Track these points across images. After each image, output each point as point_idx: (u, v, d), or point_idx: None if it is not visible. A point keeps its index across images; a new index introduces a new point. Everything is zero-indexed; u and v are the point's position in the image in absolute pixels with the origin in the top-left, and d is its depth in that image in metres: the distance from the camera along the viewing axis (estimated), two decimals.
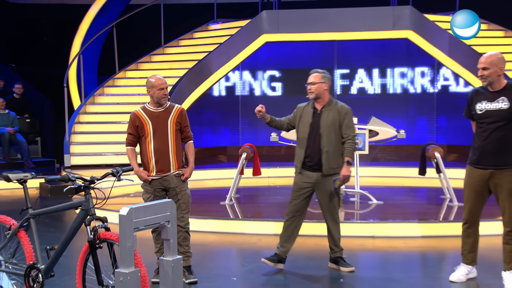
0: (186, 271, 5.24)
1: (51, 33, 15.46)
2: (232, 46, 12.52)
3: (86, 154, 11.49)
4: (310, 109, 5.56)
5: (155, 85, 5.09)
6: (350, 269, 5.58)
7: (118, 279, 3.56)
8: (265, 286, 5.26)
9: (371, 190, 8.80)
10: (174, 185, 5.16)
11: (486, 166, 4.97)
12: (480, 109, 4.98)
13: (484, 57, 4.93)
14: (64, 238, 4.11)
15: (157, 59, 13.81)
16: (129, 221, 3.59)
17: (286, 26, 12.18)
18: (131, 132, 5.12)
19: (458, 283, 5.18)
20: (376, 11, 12.27)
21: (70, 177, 4.04)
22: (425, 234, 6.97)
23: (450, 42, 12.01)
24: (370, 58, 13.51)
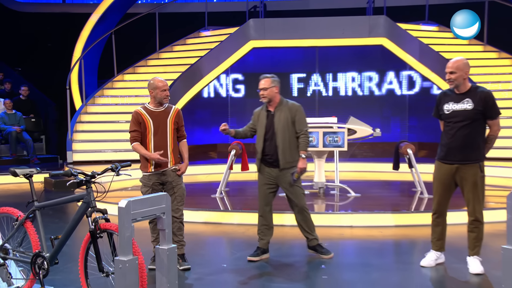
0: (180, 258, 5.25)
1: (55, 39, 15.38)
2: (221, 51, 12.51)
3: (87, 151, 11.44)
4: (264, 112, 5.58)
5: (159, 86, 5.10)
6: (330, 256, 5.58)
7: (117, 266, 3.55)
8: (252, 272, 5.26)
9: (350, 183, 8.82)
10: (171, 179, 5.16)
11: (453, 161, 5.00)
12: (447, 109, 5.02)
13: (451, 62, 4.99)
14: (67, 228, 4.09)
15: (153, 63, 13.77)
16: (127, 213, 3.57)
17: (271, 33, 12.19)
18: (136, 129, 5.09)
19: (428, 267, 5.22)
20: (353, 20, 12.31)
21: (72, 172, 4.02)
22: (399, 224, 7.00)
23: (420, 48, 12.09)
24: (348, 63, 13.54)
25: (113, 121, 11.98)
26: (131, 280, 3.55)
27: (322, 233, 6.67)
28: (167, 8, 15.14)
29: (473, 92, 4.95)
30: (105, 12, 14.09)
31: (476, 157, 4.96)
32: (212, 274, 5.20)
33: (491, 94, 4.97)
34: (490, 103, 4.92)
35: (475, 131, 4.95)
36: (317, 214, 7.32)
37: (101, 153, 11.37)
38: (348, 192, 8.44)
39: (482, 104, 4.88)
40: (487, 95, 4.93)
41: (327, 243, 6.24)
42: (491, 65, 12.83)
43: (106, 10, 14.10)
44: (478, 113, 4.89)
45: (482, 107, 4.89)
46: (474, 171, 4.96)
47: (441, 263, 5.29)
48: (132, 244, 3.60)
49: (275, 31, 12.22)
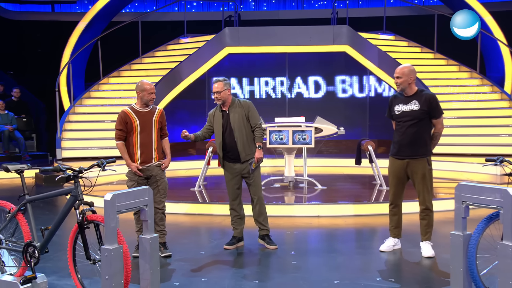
0: (162, 246, 5.23)
1: (45, 45, 15.10)
2: (199, 57, 12.45)
3: (75, 148, 11.28)
4: (219, 112, 5.51)
5: (147, 89, 5.09)
6: (274, 247, 5.53)
7: (103, 254, 3.52)
8: (228, 258, 5.25)
9: (317, 177, 8.86)
10: (155, 174, 5.16)
11: (404, 156, 5.12)
12: (397, 110, 5.15)
13: (398, 68, 5.15)
14: (57, 220, 4.02)
15: (136, 67, 13.62)
16: (112, 205, 3.54)
17: (245, 40, 12.17)
18: (121, 128, 5.06)
19: (386, 252, 5.29)
20: (319, 29, 12.36)
21: (61, 167, 3.95)
22: (360, 213, 7.06)
23: (379, 55, 12.21)
24: (315, 68, 13.60)
25: (99, 121, 11.82)
26: (116, 267, 3.51)
27: (292, 222, 6.72)
28: (149, 17, 14.99)
29: (419, 95, 5.09)
30: (92, 20, 13.90)
31: (423, 152, 5.09)
32: (191, 260, 5.16)
33: (434, 96, 5.11)
34: (434, 104, 5.06)
35: (422, 129, 5.08)
36: (287, 205, 7.35)
37: (88, 150, 11.22)
38: (315, 185, 8.47)
39: (427, 105, 5.03)
40: (431, 97, 5.08)
41: (296, 232, 6.28)
42: (441, 71, 13.02)
43: (93, 18, 13.91)
44: (424, 113, 5.04)
45: (427, 108, 5.03)
46: (422, 165, 5.08)
47: (398, 248, 5.37)
48: (117, 234, 3.56)
49: (248, 39, 12.21)
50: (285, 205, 7.36)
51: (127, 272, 3.63)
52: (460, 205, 3.80)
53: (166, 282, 4.47)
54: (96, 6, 13.94)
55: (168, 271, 4.84)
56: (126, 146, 5.12)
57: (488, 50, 13.58)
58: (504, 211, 3.52)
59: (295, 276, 4.70)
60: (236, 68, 13.56)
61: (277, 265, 5.04)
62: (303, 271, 4.83)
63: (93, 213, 3.86)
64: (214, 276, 4.72)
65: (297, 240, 6.02)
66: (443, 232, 5.80)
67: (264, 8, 16.62)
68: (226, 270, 4.88)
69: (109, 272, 3.48)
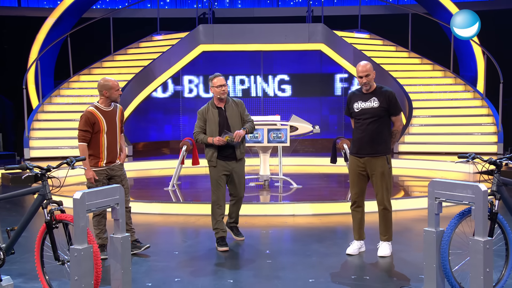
0: (137, 243, 5.21)
1: (11, 42, 14.79)
2: (173, 54, 12.40)
3: (44, 147, 11.12)
4: (213, 109, 5.37)
5: (113, 86, 4.98)
6: (242, 238, 5.75)
7: (72, 255, 3.46)
8: (202, 258, 5.24)
9: (292, 176, 8.89)
10: (119, 173, 5.12)
11: (363, 154, 5.05)
12: (356, 107, 5.07)
13: (362, 66, 4.98)
14: (23, 220, 3.94)
15: (108, 65, 13.47)
16: (82, 204, 3.49)
17: (219, 38, 12.16)
18: (87, 129, 4.88)
19: (353, 255, 5.23)
20: (294, 27, 12.43)
21: (28, 165, 3.86)
22: (336, 212, 7.08)
23: (354, 54, 12.34)
24: (290, 66, 13.66)
25: (69, 120, 11.66)
26: (86, 267, 3.47)
27: (267, 221, 6.73)
28: (120, 13, 14.84)
29: (379, 92, 5.05)
30: (61, 16, 13.69)
31: (383, 150, 5.03)
32: (164, 261, 5.13)
33: (393, 93, 5.08)
34: (393, 101, 5.03)
35: (382, 127, 5.02)
36: (262, 204, 7.37)
37: (58, 150, 11.06)
38: (291, 184, 8.50)
39: (386, 102, 4.99)
40: (390, 94, 5.04)
41: (272, 231, 6.29)
42: (415, 70, 13.23)
43: (62, 14, 13.71)
44: (384, 110, 5.00)
45: (386, 105, 4.99)
46: (382, 163, 5.03)
47: (363, 251, 5.29)
48: (87, 234, 3.51)
49: (223, 36, 12.20)
50: (260, 204, 7.37)
51: (97, 273, 3.59)
52: (433, 202, 3.86)
53: (138, 282, 4.42)
54: (65, 2, 13.73)
55: (140, 271, 4.79)
56: (91, 147, 4.94)
57: (461, 50, 13.86)
58: (476, 207, 3.60)
59: (270, 275, 4.71)
60: (210, 66, 13.53)
61: (252, 264, 5.04)
62: (278, 270, 4.85)
63: (62, 213, 3.80)
64: (188, 276, 4.70)
65: (272, 239, 6.04)
66: (417, 230, 5.89)
67: (238, 5, 16.63)
68: (200, 270, 4.86)
69: (78, 272, 3.43)
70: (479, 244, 3.56)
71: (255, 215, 6.97)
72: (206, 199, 7.90)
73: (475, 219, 3.61)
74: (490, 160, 4.01)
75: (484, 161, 4.03)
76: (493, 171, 3.96)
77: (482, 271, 3.54)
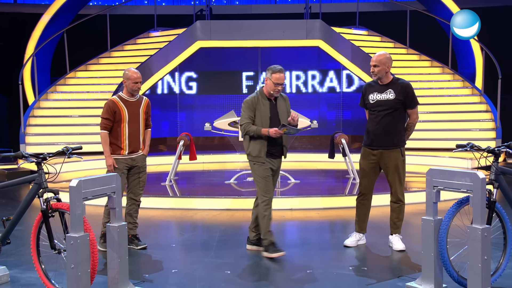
0: (135, 239, 5.19)
1: (7, 38, 14.75)
2: (170, 51, 12.38)
3: (40, 143, 11.08)
4: (265, 101, 4.92)
5: (131, 78, 4.99)
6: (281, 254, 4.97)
7: (69, 243, 3.45)
8: (199, 249, 5.24)
9: (290, 171, 8.91)
10: (140, 164, 5.11)
11: (377, 147, 5.04)
12: (372, 99, 5.06)
13: (375, 56, 5.03)
14: (19, 210, 3.94)
15: (104, 61, 13.45)
16: (78, 192, 3.49)
17: (217, 34, 12.15)
18: (108, 118, 4.92)
19: (350, 247, 5.22)
20: (292, 23, 12.43)
21: (23, 153, 3.87)
22: (334, 206, 7.11)
23: (352, 50, 12.34)
24: (288, 63, 13.64)
25: (66, 116, 11.67)
26: (82, 255, 3.46)
27: None
28: (117, 10, 14.81)
29: (395, 84, 5.03)
30: (57, 12, 13.66)
31: (397, 143, 5.03)
32: (162, 253, 5.13)
33: (410, 86, 5.06)
34: (410, 94, 5.02)
35: (397, 119, 5.01)
36: None
37: (54, 146, 10.90)
38: (289, 179, 8.51)
39: (403, 94, 4.97)
40: (407, 86, 5.03)
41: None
42: (413, 66, 13.25)
43: (58, 10, 13.67)
44: (399, 102, 4.98)
45: (403, 97, 4.98)
46: (396, 155, 5.03)
47: (363, 244, 5.28)
48: (83, 222, 3.50)
49: (220, 33, 12.19)
50: None
51: (94, 261, 3.58)
52: (431, 190, 3.87)
53: (135, 273, 4.42)
54: None
55: (137, 262, 4.79)
56: (112, 136, 4.97)
57: (459, 47, 13.87)
58: (474, 194, 3.60)
59: (269, 267, 4.71)
60: (208, 62, 13.51)
61: (250, 256, 5.04)
62: (277, 262, 4.84)
63: (58, 201, 3.80)
64: (185, 267, 4.71)
65: None
66: (415, 223, 5.90)
67: (236, 2, 16.63)
68: (197, 262, 4.86)
69: (75, 260, 3.43)
70: (477, 232, 3.57)
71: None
72: (202, 194, 7.93)
73: (473, 207, 3.61)
74: (488, 148, 4.02)
75: (482, 149, 4.04)
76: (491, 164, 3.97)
77: (480, 259, 3.54)
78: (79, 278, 3.44)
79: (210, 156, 10.92)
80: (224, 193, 7.66)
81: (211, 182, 8.84)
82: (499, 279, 4.03)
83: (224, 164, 10.72)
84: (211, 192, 7.90)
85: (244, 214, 6.69)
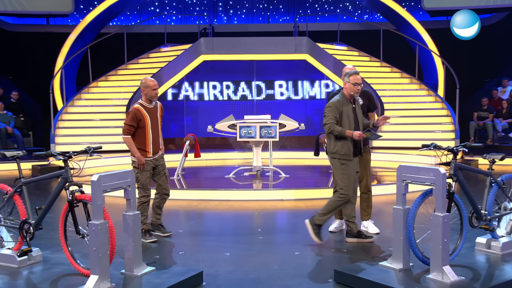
0: (161, 227, 5.11)
1: (40, 53, 14.68)
2: (178, 63, 12.35)
3: (67, 143, 11.02)
4: (347, 103, 4.63)
5: (150, 85, 4.83)
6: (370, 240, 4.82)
7: (91, 229, 3.44)
8: (203, 235, 5.24)
9: (281, 167, 8.89)
10: (162, 163, 5.02)
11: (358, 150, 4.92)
12: None
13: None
14: (49, 200, 3.92)
15: (122, 72, 13.38)
16: (99, 185, 3.47)
17: (218, 49, 12.14)
18: (133, 124, 4.74)
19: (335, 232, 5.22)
20: (283, 40, 12.43)
21: (52, 152, 3.86)
22: (319, 197, 7.06)
23: (334, 63, 12.33)
24: (279, 74, 13.65)
25: (89, 119, 11.61)
26: (102, 239, 3.45)
27: (259, 205, 6.72)
28: (133, 29, 14.76)
29: (361, 92, 4.98)
30: (82, 31, 13.61)
31: (366, 143, 5.03)
32: (170, 238, 5.11)
33: (371, 92, 5.17)
34: (372, 99, 5.08)
35: None
36: (255, 191, 7.37)
37: (79, 145, 10.93)
38: (280, 174, 8.50)
39: (367, 100, 5.04)
40: (369, 93, 5.11)
41: (263, 213, 6.28)
42: (385, 77, 13.21)
43: (83, 30, 13.63)
44: (365, 107, 5.02)
45: (368, 102, 5.04)
46: (366, 153, 5.03)
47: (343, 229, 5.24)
48: (103, 211, 3.48)
49: (221, 48, 12.17)
50: (253, 191, 7.37)
51: (113, 244, 3.57)
52: (400, 183, 3.88)
53: (147, 255, 4.41)
54: (86, 19, 13.67)
55: (149, 245, 4.78)
56: (138, 140, 4.82)
57: (424, 60, 13.90)
58: (437, 187, 3.61)
59: (261, 249, 4.71)
60: (210, 73, 13.51)
61: (246, 240, 5.04)
62: (269, 245, 4.85)
63: (81, 194, 3.78)
64: (190, 250, 4.70)
65: (264, 220, 6.03)
66: (387, 212, 5.90)
67: (235, 22, 16.58)
68: (201, 245, 4.85)
69: (96, 244, 3.41)
70: (439, 219, 3.58)
71: (249, 199, 6.98)
72: (206, 186, 7.90)
73: (436, 197, 3.63)
74: (448, 147, 4.03)
75: (443, 148, 4.05)
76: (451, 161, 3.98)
77: (440, 242, 3.56)
78: (100, 259, 3.43)
79: (212, 154, 10.89)
80: (224, 186, 7.65)
81: (213, 176, 8.82)
82: (456, 258, 4.04)
83: (224, 160, 10.69)
84: (213, 185, 7.87)
85: (241, 204, 6.69)
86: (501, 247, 4.20)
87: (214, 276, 3.96)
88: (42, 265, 4.03)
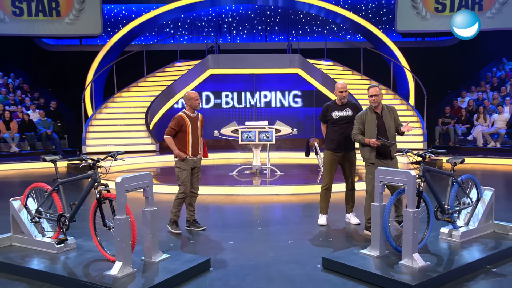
0: (196, 222, 5.04)
1: (74, 69, 14.69)
2: (189, 76, 12.34)
3: (96, 145, 11.04)
4: (372, 114, 4.60)
5: (193, 97, 4.81)
6: None
7: (116, 223, 3.44)
8: (209, 225, 5.22)
9: (277, 166, 8.88)
10: (199, 165, 4.97)
11: (341, 150, 5.00)
12: (335, 116, 4.99)
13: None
14: (81, 197, 3.92)
15: (142, 84, 13.38)
16: (122, 186, 3.47)
17: (223, 64, 12.14)
18: (175, 128, 4.73)
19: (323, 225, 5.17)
20: (278, 56, 12.43)
21: (84, 158, 3.85)
22: (309, 192, 7.05)
23: (322, 76, 12.33)
24: (275, 85, 13.64)
25: (114, 125, 11.63)
26: (125, 232, 3.45)
27: (258, 199, 6.71)
28: (151, 47, 14.76)
29: (349, 104, 5.05)
30: (109, 50, 13.61)
31: (353, 147, 5.04)
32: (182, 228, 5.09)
33: (359, 104, 5.16)
34: (360, 110, 5.03)
35: (351, 130, 4.93)
36: (254, 187, 7.33)
37: (106, 147, 10.99)
38: (276, 172, 8.49)
39: (356, 111, 4.99)
40: (357, 105, 5.11)
41: (261, 206, 6.27)
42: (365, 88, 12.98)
43: (110, 48, 13.62)
44: (353, 117, 4.97)
45: (356, 113, 4.95)
46: (354, 155, 5.05)
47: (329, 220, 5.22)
48: (125, 207, 3.48)
49: (226, 63, 12.17)
50: (253, 186, 7.36)
51: (134, 236, 3.56)
52: (378, 184, 3.87)
53: (163, 243, 4.41)
54: (112, 40, 13.67)
55: (164, 235, 4.77)
56: (180, 142, 4.79)
57: (398, 74, 13.89)
58: (408, 187, 3.61)
59: (260, 238, 4.70)
60: (216, 84, 13.51)
61: (246, 230, 5.03)
62: (266, 234, 4.85)
63: (108, 192, 3.78)
64: (200, 239, 4.69)
65: (262, 212, 6.01)
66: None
67: (237, 40, 16.57)
68: (209, 235, 4.85)
69: (120, 235, 3.42)
70: (410, 214, 3.58)
71: (250, 194, 6.97)
72: (213, 183, 7.88)
73: (407, 196, 3.63)
74: (418, 153, 4.03)
75: (414, 154, 4.05)
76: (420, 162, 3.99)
77: (411, 233, 3.56)
78: (123, 248, 3.43)
79: (218, 154, 10.88)
80: (229, 182, 7.64)
81: (220, 174, 8.81)
82: (424, 246, 4.04)
83: (228, 160, 10.68)
84: (219, 181, 7.86)
85: (244, 198, 6.68)
86: (460, 236, 4.20)
87: (220, 262, 3.96)
88: (76, 251, 4.03)
